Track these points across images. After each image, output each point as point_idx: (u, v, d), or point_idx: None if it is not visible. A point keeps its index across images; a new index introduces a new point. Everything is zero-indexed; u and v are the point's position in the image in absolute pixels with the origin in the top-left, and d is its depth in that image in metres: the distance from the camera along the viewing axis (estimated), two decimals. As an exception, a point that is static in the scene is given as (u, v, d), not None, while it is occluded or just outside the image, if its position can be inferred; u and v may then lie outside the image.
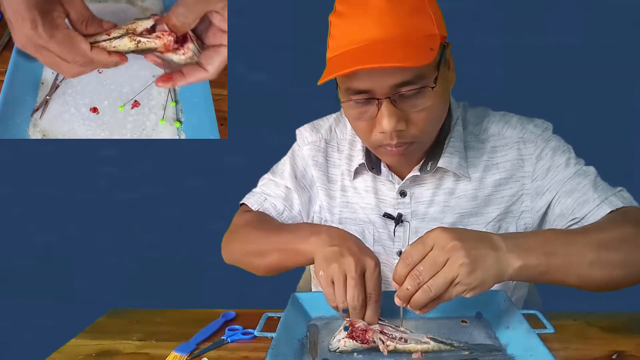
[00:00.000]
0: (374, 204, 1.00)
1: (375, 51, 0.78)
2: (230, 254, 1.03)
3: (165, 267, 2.11)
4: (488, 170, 0.96)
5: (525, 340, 0.72)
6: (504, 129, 0.97)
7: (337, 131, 1.07)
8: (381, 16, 0.79)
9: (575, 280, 0.75)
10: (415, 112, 0.83)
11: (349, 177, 1.02)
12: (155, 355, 0.80)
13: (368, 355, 0.73)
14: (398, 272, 0.71)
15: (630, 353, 0.76)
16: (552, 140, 0.95)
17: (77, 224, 2.12)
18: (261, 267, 0.95)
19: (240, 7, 1.50)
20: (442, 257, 0.68)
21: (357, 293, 0.76)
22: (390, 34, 0.79)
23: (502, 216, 0.95)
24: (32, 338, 1.95)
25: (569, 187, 0.91)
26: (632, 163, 1.86)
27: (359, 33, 0.80)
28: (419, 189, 0.97)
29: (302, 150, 1.08)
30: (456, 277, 0.67)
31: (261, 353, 0.78)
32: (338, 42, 0.82)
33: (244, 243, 0.98)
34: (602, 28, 1.87)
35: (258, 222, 1.01)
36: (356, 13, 0.81)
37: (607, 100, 1.89)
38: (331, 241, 0.81)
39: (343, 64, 0.79)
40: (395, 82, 0.79)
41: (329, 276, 0.78)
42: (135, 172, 2.08)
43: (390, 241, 0.99)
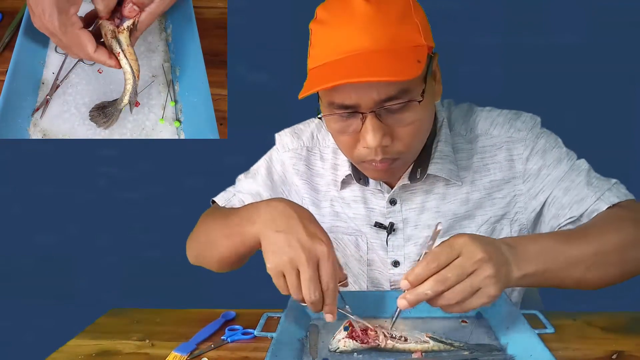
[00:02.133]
0: (363, 214, 0.97)
1: (360, 63, 0.74)
2: (190, 252, 0.99)
3: (165, 267, 2.11)
4: (479, 172, 0.93)
5: (525, 341, 0.72)
6: (492, 128, 0.94)
7: (319, 138, 1.02)
8: (367, 25, 0.75)
9: (571, 283, 0.77)
10: (401, 126, 0.80)
11: (335, 187, 0.99)
12: (155, 355, 0.80)
13: (368, 355, 0.73)
14: (417, 273, 0.67)
15: (631, 353, 0.76)
16: (541, 137, 0.93)
17: (77, 224, 2.12)
18: (213, 260, 0.90)
19: (240, 7, 1.50)
20: (470, 268, 0.67)
21: (312, 288, 0.71)
22: (376, 44, 0.75)
23: (496, 218, 0.93)
24: (31, 338, 1.95)
25: (564, 186, 0.89)
26: (631, 162, 1.85)
27: (342, 42, 0.76)
28: (409, 195, 0.94)
29: (281, 156, 1.03)
30: (481, 288, 0.67)
31: (261, 353, 0.78)
32: (320, 52, 0.78)
33: (199, 236, 0.95)
34: (602, 28, 1.87)
35: (215, 212, 0.97)
36: (339, 21, 0.77)
37: (606, 100, 1.89)
38: (276, 225, 0.75)
39: (326, 76, 0.75)
40: (380, 97, 0.76)
41: (278, 270, 0.73)
42: (135, 172, 2.08)
43: (383, 251, 0.96)
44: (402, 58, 0.75)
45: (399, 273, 0.95)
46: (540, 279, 0.73)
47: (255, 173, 1.04)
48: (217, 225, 0.89)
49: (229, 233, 0.84)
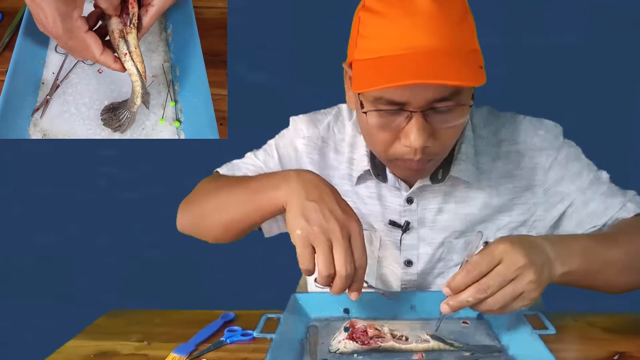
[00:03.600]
0: (378, 211, 0.95)
1: (426, 62, 0.71)
2: (185, 216, 0.95)
3: (164, 268, 2.11)
4: (501, 178, 0.93)
5: (526, 341, 0.72)
6: (516, 134, 0.94)
7: (335, 130, 0.99)
8: (430, 22, 0.72)
9: (602, 285, 0.79)
10: (445, 128, 0.78)
11: (350, 182, 0.96)
12: (154, 356, 0.80)
13: (368, 356, 0.73)
14: (459, 281, 0.69)
15: (632, 354, 0.76)
16: (563, 147, 0.93)
17: (77, 224, 2.11)
18: (218, 226, 0.86)
19: (240, 7, 1.50)
20: (512, 275, 0.68)
21: (348, 260, 0.70)
22: (439, 44, 0.72)
23: (515, 225, 0.93)
24: (31, 338, 1.95)
25: (586, 196, 0.90)
26: (631, 162, 1.85)
27: (403, 38, 0.73)
28: (427, 195, 0.93)
29: (295, 141, 1.00)
30: (523, 293, 0.68)
31: (261, 354, 0.77)
32: (375, 44, 0.75)
33: (200, 201, 0.90)
34: (602, 28, 1.86)
35: (220, 179, 0.93)
36: (399, 14, 0.73)
37: (606, 100, 1.88)
38: (307, 194, 0.73)
39: (393, 73, 0.71)
40: (435, 97, 0.74)
41: (308, 239, 0.70)
42: (135, 172, 2.07)
43: (396, 249, 0.95)
44: (466, 62, 0.74)
45: (412, 272, 0.95)
46: (579, 277, 0.74)
47: (265, 152, 1.01)
48: (229, 191, 0.85)
49: (245, 199, 0.80)
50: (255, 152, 1.02)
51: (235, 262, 1.94)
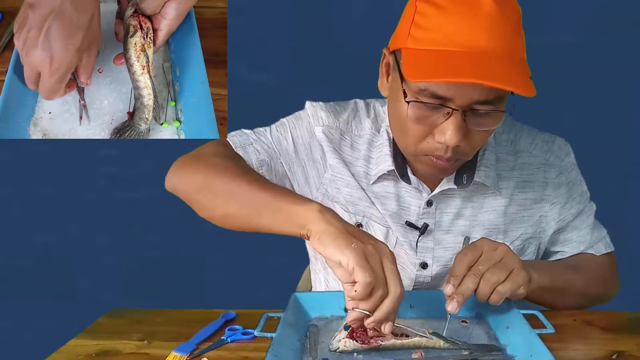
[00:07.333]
0: (395, 211, 0.94)
1: (485, 64, 0.71)
2: (181, 179, 0.91)
3: (165, 267, 2.11)
4: (518, 187, 0.94)
5: (525, 341, 0.72)
6: (532, 147, 0.96)
7: (352, 125, 0.97)
8: (492, 25, 0.73)
9: (559, 303, 0.91)
10: (478, 130, 0.79)
11: (366, 180, 0.95)
12: (155, 355, 0.80)
13: (368, 355, 0.73)
14: (456, 274, 0.75)
15: (630, 353, 0.76)
16: (572, 170, 0.98)
17: (77, 224, 2.12)
18: (217, 211, 0.83)
19: (240, 7, 1.50)
20: (497, 257, 0.76)
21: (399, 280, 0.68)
22: (497, 47, 0.73)
23: (527, 236, 0.96)
24: (31, 338, 1.95)
25: (575, 223, 0.99)
26: (631, 162, 1.85)
27: (463, 35, 0.73)
28: (447, 199, 0.93)
29: (313, 128, 0.97)
30: (510, 274, 0.75)
31: (261, 353, 0.78)
32: (433, 36, 0.74)
33: (208, 174, 0.85)
34: (601, 27, 1.87)
35: (232, 158, 0.89)
36: (462, 11, 0.73)
37: (605, 99, 1.89)
38: (337, 223, 0.70)
39: (450, 69, 0.71)
40: (479, 98, 0.75)
41: (364, 253, 0.67)
42: (135, 172, 2.08)
43: (411, 250, 0.94)
44: (520, 69, 0.75)
45: (426, 275, 0.95)
46: (545, 291, 0.85)
47: (278, 132, 0.97)
48: (244, 188, 0.80)
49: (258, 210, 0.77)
50: (269, 129, 0.98)
51: (236, 261, 1.94)
